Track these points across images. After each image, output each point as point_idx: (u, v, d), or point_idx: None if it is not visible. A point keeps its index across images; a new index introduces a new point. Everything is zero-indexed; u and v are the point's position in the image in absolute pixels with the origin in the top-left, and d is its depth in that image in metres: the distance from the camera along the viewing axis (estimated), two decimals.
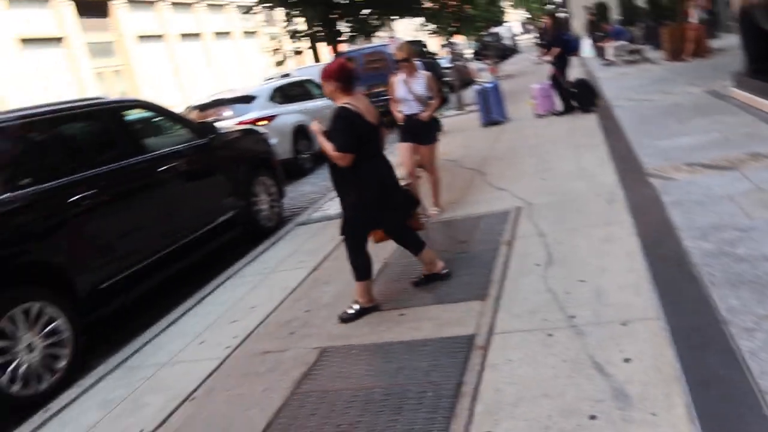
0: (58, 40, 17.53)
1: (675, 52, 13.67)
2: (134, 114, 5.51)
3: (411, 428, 2.56)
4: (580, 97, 9.64)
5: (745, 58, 7.72)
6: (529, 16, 30.50)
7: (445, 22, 10.98)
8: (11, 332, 3.79)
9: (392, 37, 15.37)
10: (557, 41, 10.12)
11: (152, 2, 21.42)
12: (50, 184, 4.27)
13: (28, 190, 4.13)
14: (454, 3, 10.44)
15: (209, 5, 24.75)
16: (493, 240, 4.63)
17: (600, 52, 17.78)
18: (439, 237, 5.03)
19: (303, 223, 6.77)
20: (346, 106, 3.67)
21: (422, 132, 5.58)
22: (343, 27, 6.61)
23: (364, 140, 3.66)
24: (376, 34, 7.45)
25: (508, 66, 24.03)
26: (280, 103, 10.30)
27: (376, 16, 6.44)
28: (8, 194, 3.99)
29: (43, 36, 16.93)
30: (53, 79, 16.95)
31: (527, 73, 12.57)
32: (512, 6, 25.36)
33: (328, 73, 3.78)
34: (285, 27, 7.31)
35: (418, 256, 4.03)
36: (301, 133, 10.29)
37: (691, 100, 8.50)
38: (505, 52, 30.77)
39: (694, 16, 13.02)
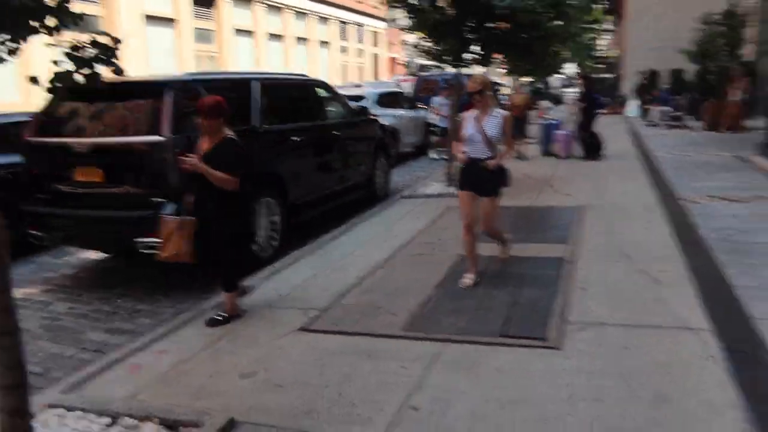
0: (173, 21, 20.00)
1: (713, 124, 15.68)
2: (320, 90, 7.68)
3: (537, 283, 4.59)
4: (588, 147, 11.52)
5: (766, 134, 9.73)
6: (578, 70, 32.86)
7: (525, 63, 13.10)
8: (258, 212, 5.86)
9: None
10: (587, 98, 12.03)
11: (250, 1, 23.95)
12: (284, 125, 6.40)
13: (275, 126, 6.27)
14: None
15: (296, 12, 27.29)
16: (567, 219, 6.65)
17: (645, 113, 19.83)
18: (526, 214, 7.06)
19: (407, 197, 8.83)
20: (234, 136, 4.16)
21: (485, 181, 4.71)
22: (467, 56, 8.70)
23: None
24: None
25: (553, 112, 26.21)
26: (381, 106, 12.48)
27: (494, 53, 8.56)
28: (265, 126, 6.10)
29: (162, 15, 19.40)
30: (163, 53, 19.42)
31: (566, 121, 14.69)
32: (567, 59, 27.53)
33: (220, 107, 4.02)
34: (417, 46, 9.41)
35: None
36: (391, 134, 12.44)
37: (719, 161, 10.49)
38: (553, 98, 33.02)
39: (736, 95, 15.04)
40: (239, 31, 23.28)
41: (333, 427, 2.86)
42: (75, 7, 2.41)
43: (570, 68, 39.72)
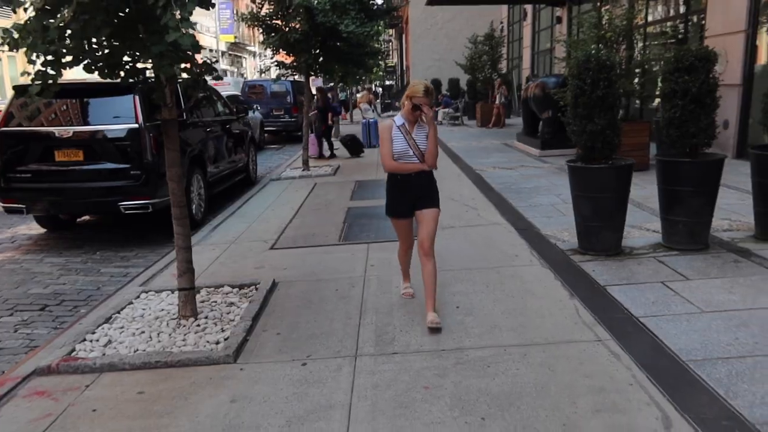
0: None
1: (483, 122, 20.18)
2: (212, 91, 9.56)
3: None
4: (350, 147, 13.99)
5: (523, 125, 13.80)
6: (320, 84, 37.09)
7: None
8: (192, 184, 7.70)
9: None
10: (324, 107, 13.84)
11: None
12: (203, 119, 8.28)
13: (198, 119, 8.12)
14: None
15: None
16: None
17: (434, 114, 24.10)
18: (379, 183, 9.77)
19: (276, 179, 11.03)
20: None
21: (427, 193, 4.21)
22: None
23: None
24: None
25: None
26: None
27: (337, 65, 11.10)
28: (191, 119, 7.94)
29: None
30: None
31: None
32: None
33: None
34: (272, 58, 11.59)
35: None
36: None
37: (492, 146, 14.40)
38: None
39: (498, 99, 19.65)
40: None
41: (331, 276, 5.19)
42: None
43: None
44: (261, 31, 11.04)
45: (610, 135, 4.90)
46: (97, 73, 3.63)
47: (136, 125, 6.60)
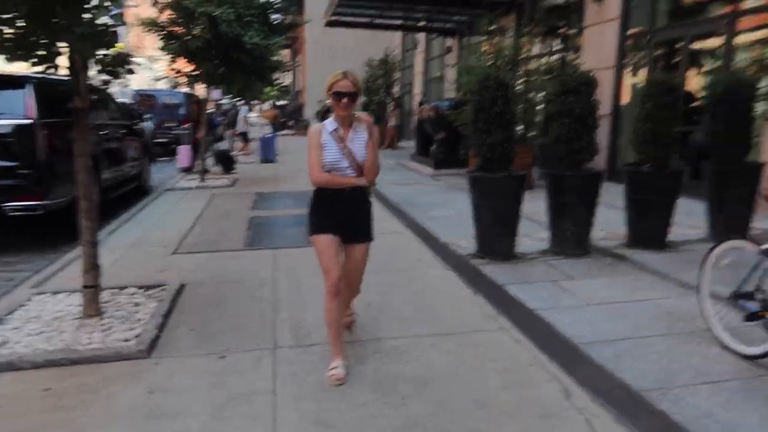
0: None
1: (378, 143, 20.73)
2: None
3: None
4: (223, 163, 13.58)
5: (416, 146, 14.39)
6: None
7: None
8: None
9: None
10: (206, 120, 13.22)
11: None
12: (97, 122, 7.90)
13: (92, 122, 7.72)
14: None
15: None
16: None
17: None
18: (281, 195, 9.77)
19: (170, 189, 10.69)
20: None
21: (358, 220, 3.57)
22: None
23: None
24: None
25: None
26: None
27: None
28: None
29: None
30: None
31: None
32: None
33: None
34: (170, 65, 11.28)
35: None
36: None
37: (388, 165, 14.83)
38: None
39: (393, 122, 20.31)
40: None
41: (240, 278, 5.17)
42: None
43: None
44: (161, 37, 10.73)
45: (507, 147, 5.34)
46: (6, 56, 3.46)
47: (29, 121, 6.22)
